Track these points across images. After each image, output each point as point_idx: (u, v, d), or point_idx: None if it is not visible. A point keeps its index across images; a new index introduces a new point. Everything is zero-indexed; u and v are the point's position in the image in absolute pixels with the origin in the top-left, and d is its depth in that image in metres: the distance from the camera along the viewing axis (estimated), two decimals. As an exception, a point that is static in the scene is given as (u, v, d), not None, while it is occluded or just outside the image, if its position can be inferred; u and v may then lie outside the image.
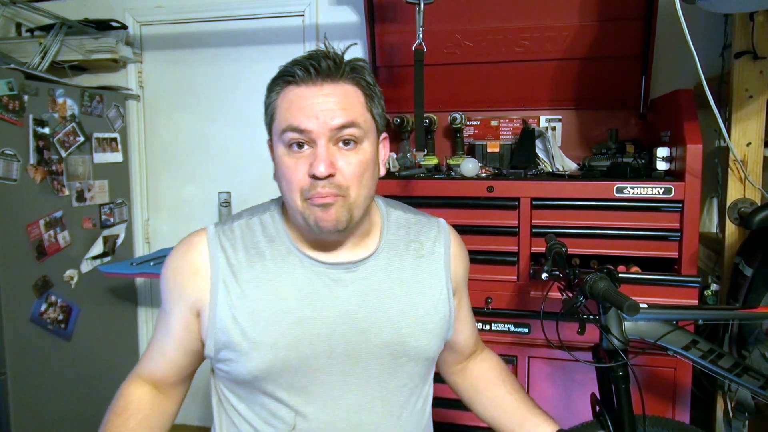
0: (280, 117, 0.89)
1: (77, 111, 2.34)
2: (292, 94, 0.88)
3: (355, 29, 2.41)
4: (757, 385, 1.32)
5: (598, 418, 1.32)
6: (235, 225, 0.97)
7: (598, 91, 2.05)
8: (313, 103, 0.87)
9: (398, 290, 0.97)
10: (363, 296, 0.94)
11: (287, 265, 0.93)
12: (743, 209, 1.69)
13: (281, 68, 0.92)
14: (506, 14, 2.00)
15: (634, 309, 1.05)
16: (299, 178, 0.87)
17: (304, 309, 0.91)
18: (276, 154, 0.92)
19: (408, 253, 1.01)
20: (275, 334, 0.90)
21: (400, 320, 0.96)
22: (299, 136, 0.87)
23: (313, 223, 0.88)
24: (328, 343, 0.91)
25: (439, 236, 1.06)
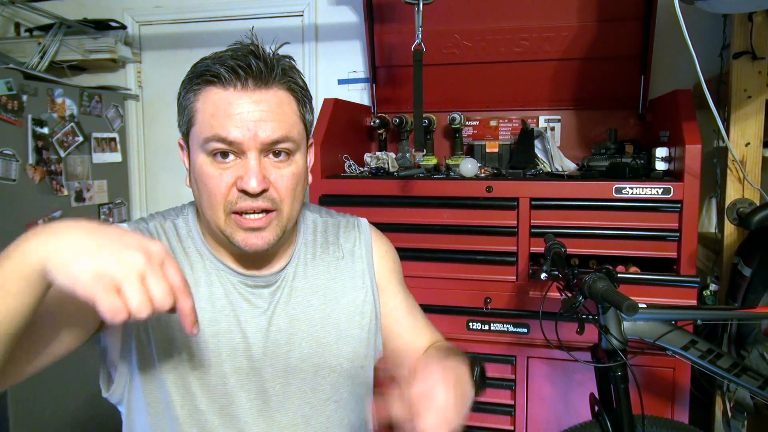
0: (203, 123, 0.79)
1: (76, 111, 2.34)
2: (216, 97, 0.78)
3: (354, 29, 2.41)
4: (756, 385, 1.32)
5: (597, 418, 1.32)
6: (150, 225, 0.88)
7: (597, 91, 2.05)
8: (243, 112, 0.77)
9: (317, 297, 0.91)
10: (282, 306, 0.88)
11: (203, 274, 0.85)
12: (742, 209, 1.69)
13: (201, 65, 0.82)
14: (505, 14, 2.00)
15: (633, 309, 1.05)
16: (223, 192, 0.78)
17: (221, 321, 0.84)
18: (194, 161, 0.81)
19: (326, 258, 0.95)
20: (192, 348, 0.81)
21: (320, 329, 0.90)
22: (226, 147, 0.78)
23: (237, 242, 0.80)
24: (247, 359, 0.84)
25: (359, 237, 0.99)
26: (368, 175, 1.92)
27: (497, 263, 1.70)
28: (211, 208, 0.80)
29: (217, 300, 0.85)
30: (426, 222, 1.74)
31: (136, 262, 0.58)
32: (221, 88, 0.78)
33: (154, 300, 0.58)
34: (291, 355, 0.87)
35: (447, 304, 1.74)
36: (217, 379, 0.83)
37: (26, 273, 0.59)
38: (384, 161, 2.00)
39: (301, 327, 0.89)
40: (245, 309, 0.86)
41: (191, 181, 0.85)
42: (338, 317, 0.92)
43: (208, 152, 0.79)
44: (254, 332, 0.85)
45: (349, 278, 0.95)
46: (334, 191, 1.80)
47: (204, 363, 0.82)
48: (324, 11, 2.46)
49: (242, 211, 0.79)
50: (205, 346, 0.82)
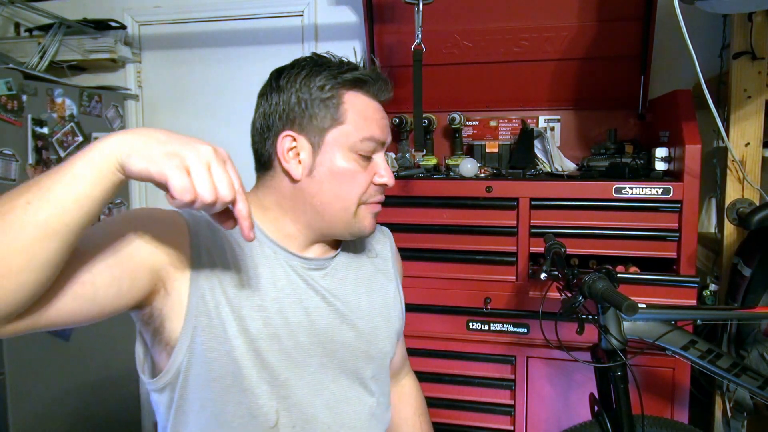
0: (357, 123, 0.88)
1: (76, 111, 2.34)
2: (365, 103, 0.90)
3: (353, 29, 2.41)
4: (756, 385, 1.32)
5: (596, 418, 1.32)
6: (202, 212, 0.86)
7: (597, 91, 2.05)
8: (383, 117, 0.92)
9: (362, 288, 1.00)
10: (335, 291, 0.95)
11: (262, 257, 0.89)
12: (742, 209, 1.69)
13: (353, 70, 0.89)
14: (505, 14, 2.00)
15: (633, 309, 1.06)
16: (363, 185, 0.90)
17: (284, 299, 0.88)
18: (333, 158, 0.88)
19: (363, 254, 1.04)
20: (258, 323, 0.85)
21: (369, 313, 0.99)
22: (375, 147, 0.90)
23: (359, 228, 0.92)
24: (308, 335, 0.90)
25: (385, 239, 1.11)
26: (368, 175, 1.91)
27: (497, 263, 1.70)
28: (344, 202, 0.89)
29: (278, 280, 0.89)
30: (426, 222, 1.74)
31: (205, 151, 0.63)
32: (365, 93, 0.90)
33: (218, 189, 0.62)
34: (346, 333, 0.94)
35: (447, 304, 1.74)
36: (280, 354, 0.87)
37: (99, 162, 0.61)
38: (384, 161, 1.99)
39: (352, 308, 0.96)
40: (304, 289, 0.92)
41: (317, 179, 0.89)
42: (381, 306, 1.01)
43: (359, 151, 0.88)
44: (314, 311, 0.91)
45: (383, 274, 1.05)
46: (334, 191, 1.80)
47: (270, 337, 0.86)
48: (324, 11, 2.46)
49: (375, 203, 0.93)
50: (270, 321, 0.87)
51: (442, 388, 1.77)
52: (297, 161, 0.89)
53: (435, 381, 1.77)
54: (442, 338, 1.76)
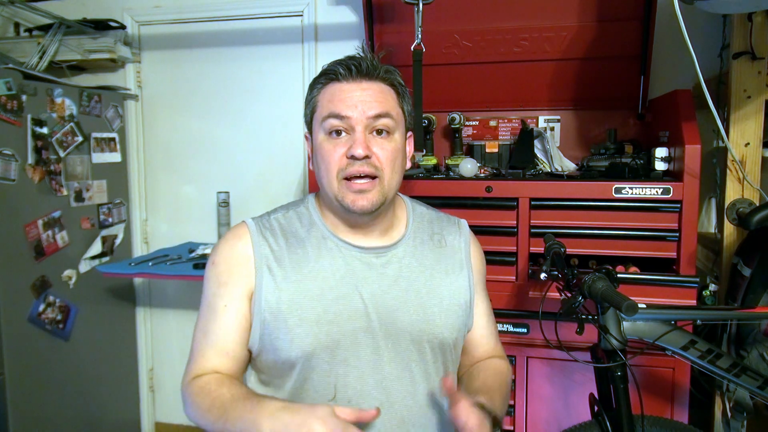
0: (322, 107, 1.01)
1: (76, 111, 2.34)
2: (334, 88, 1.01)
3: (353, 29, 2.40)
4: (756, 385, 1.32)
5: (596, 418, 1.32)
6: (272, 218, 1.08)
7: (597, 91, 2.05)
8: (353, 95, 0.99)
9: (424, 275, 1.07)
10: (393, 278, 1.04)
11: (325, 249, 1.04)
12: (741, 209, 1.69)
13: (323, 68, 1.04)
14: (505, 14, 2.00)
15: (633, 309, 1.06)
16: (336, 159, 0.99)
17: (342, 287, 1.00)
18: (315, 141, 1.03)
19: (431, 244, 1.11)
20: (318, 309, 0.98)
21: (427, 302, 1.05)
22: (339, 122, 0.99)
23: (347, 204, 0.99)
24: (365, 319, 1.00)
25: (460, 232, 1.17)
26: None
27: (497, 263, 1.70)
28: (327, 176, 1.00)
29: (338, 270, 1.02)
30: (425, 222, 1.73)
31: None
32: (338, 81, 1.02)
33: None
34: (402, 319, 1.02)
35: (446, 304, 1.73)
36: (340, 336, 0.98)
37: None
38: (383, 161, 1.99)
39: (410, 298, 1.04)
40: (363, 278, 1.02)
41: (314, 162, 1.06)
42: (441, 294, 1.07)
43: (326, 130, 1.00)
44: (371, 297, 1.01)
45: (450, 264, 1.11)
46: (334, 191, 1.80)
47: (330, 323, 0.98)
48: (324, 11, 2.46)
49: (351, 176, 0.98)
50: (329, 308, 0.99)
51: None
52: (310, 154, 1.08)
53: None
54: (442, 338, 1.76)
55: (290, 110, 2.51)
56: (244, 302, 1.01)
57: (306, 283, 1.00)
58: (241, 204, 2.60)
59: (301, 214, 1.09)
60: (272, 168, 2.57)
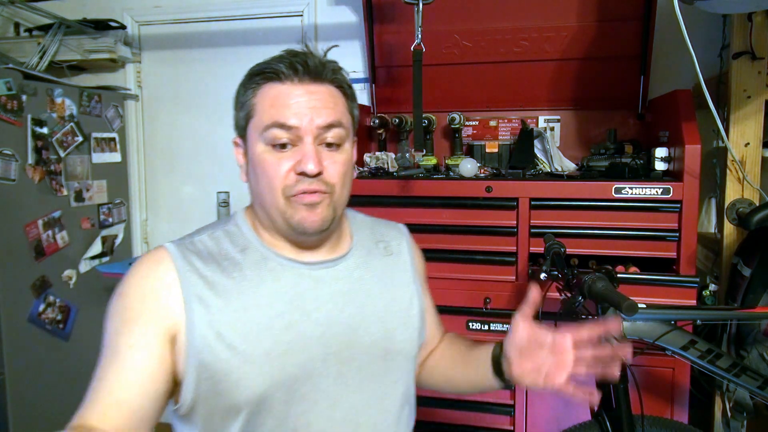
0: (262, 113, 0.86)
1: (76, 111, 2.34)
2: (275, 91, 0.86)
3: (353, 29, 2.41)
4: (756, 385, 1.32)
5: (596, 418, 1.32)
6: (196, 240, 0.90)
7: (597, 91, 2.05)
8: (300, 101, 0.85)
9: (378, 287, 0.97)
10: (347, 294, 0.92)
11: (266, 271, 0.88)
12: (741, 209, 1.69)
13: (260, 65, 0.89)
14: (505, 14, 2.00)
15: (633, 309, 1.05)
16: (282, 176, 0.85)
17: (292, 312, 0.86)
18: (253, 152, 0.88)
19: (378, 252, 1.02)
20: (267, 342, 0.84)
21: (385, 315, 0.95)
22: (285, 133, 0.84)
23: (296, 222, 0.86)
24: (322, 345, 0.87)
25: (401, 236, 1.08)
26: (368, 175, 1.92)
27: (497, 263, 1.70)
28: (271, 193, 0.86)
29: (285, 293, 0.88)
30: (426, 222, 1.74)
31: None
32: (279, 82, 0.86)
33: None
34: (362, 340, 0.91)
35: (447, 304, 1.73)
36: (296, 369, 0.85)
37: None
38: (383, 161, 1.99)
39: (368, 313, 0.93)
40: (314, 298, 0.89)
41: (249, 174, 0.91)
42: (398, 306, 0.98)
43: (268, 141, 0.85)
44: (326, 319, 0.89)
45: (399, 272, 1.03)
46: (334, 191, 1.80)
47: (282, 355, 0.84)
48: (323, 11, 2.46)
49: (299, 193, 0.85)
50: (279, 338, 0.85)
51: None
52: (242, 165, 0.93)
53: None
54: (442, 338, 1.76)
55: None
56: (160, 344, 0.80)
57: (249, 313, 0.84)
58: (241, 204, 2.59)
59: (232, 234, 0.92)
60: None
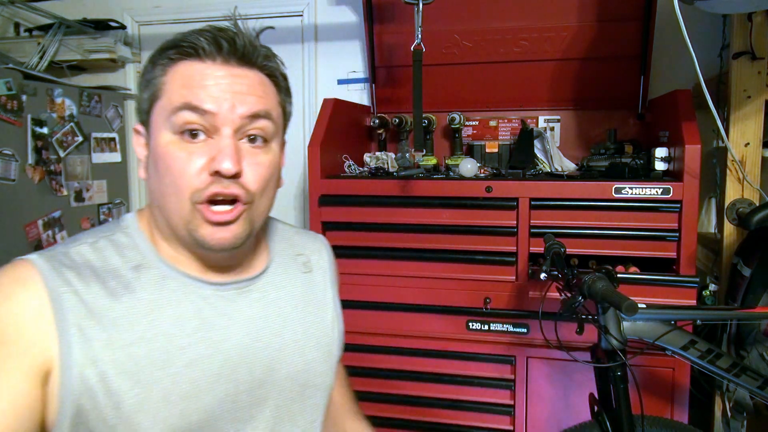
0: (171, 94, 0.69)
1: (76, 111, 2.34)
2: (191, 69, 0.70)
3: (353, 29, 2.41)
4: (756, 385, 1.32)
5: (596, 418, 1.32)
6: (72, 252, 0.70)
7: (597, 91, 2.05)
8: (220, 83, 0.69)
9: (296, 310, 0.83)
10: (262, 320, 0.78)
11: (166, 293, 0.71)
12: (741, 209, 1.69)
13: (176, 37, 0.72)
14: (505, 14, 2.00)
15: (633, 309, 1.05)
16: (191, 175, 0.68)
17: (196, 346, 0.71)
18: (156, 142, 0.70)
19: (297, 268, 0.88)
20: (166, 382, 0.68)
21: (305, 344, 0.82)
22: (197, 119, 0.68)
23: (201, 236, 0.69)
24: (232, 384, 0.73)
25: (322, 249, 0.95)
26: (368, 175, 1.92)
27: (497, 263, 1.70)
28: (175, 196, 0.69)
29: (188, 321, 0.71)
30: (426, 222, 1.74)
31: None
32: (198, 60, 0.70)
33: None
34: (278, 374, 0.78)
35: (447, 304, 1.74)
36: (200, 415, 0.70)
37: None
38: (383, 161, 2.00)
39: (287, 342, 0.80)
40: (224, 326, 0.74)
41: (148, 170, 0.73)
42: (317, 331, 0.85)
43: (176, 128, 0.68)
44: (237, 351, 0.74)
45: (320, 291, 0.90)
46: (334, 191, 1.80)
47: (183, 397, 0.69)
48: (323, 11, 2.46)
49: (212, 199, 0.68)
50: (180, 377, 0.69)
51: (442, 388, 1.77)
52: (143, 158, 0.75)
53: (435, 381, 1.76)
54: (442, 338, 1.76)
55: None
56: (29, 388, 0.62)
57: (142, 348, 0.67)
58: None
59: (120, 245, 0.73)
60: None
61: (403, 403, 1.79)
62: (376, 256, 1.77)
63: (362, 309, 1.79)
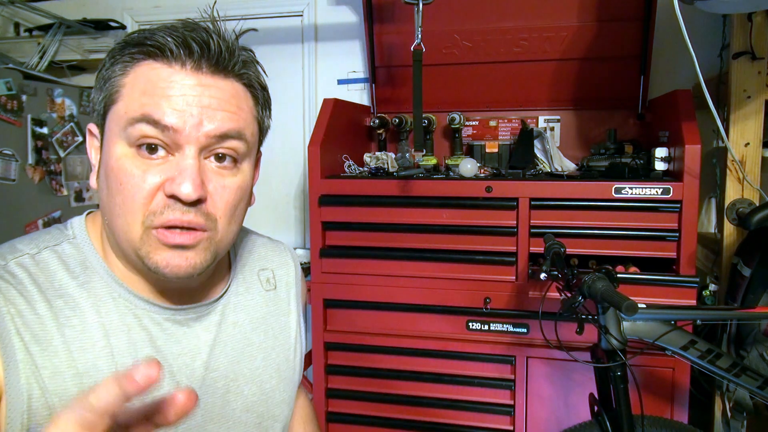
0: (129, 101, 0.61)
1: (76, 111, 2.34)
2: (153, 73, 0.61)
3: (353, 29, 2.41)
4: (756, 385, 1.32)
5: (596, 418, 1.32)
6: (11, 263, 0.63)
7: (597, 91, 2.05)
8: (187, 94, 0.60)
9: (256, 333, 0.77)
10: (219, 346, 0.72)
11: (117, 317, 0.65)
12: (741, 209, 1.69)
13: (141, 33, 0.63)
14: (505, 14, 2.00)
15: (633, 309, 1.05)
16: (144, 196, 0.60)
17: None
18: (109, 153, 0.62)
19: (260, 286, 0.81)
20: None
21: (263, 373, 0.76)
22: (157, 134, 0.59)
23: (154, 264, 0.61)
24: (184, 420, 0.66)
25: (288, 262, 0.87)
26: (368, 175, 1.92)
27: (497, 263, 1.70)
28: (124, 217, 0.61)
29: (141, 350, 0.65)
30: (426, 222, 1.74)
31: None
32: (164, 63, 0.61)
33: None
34: (233, 405, 0.73)
35: (447, 304, 1.74)
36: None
37: None
38: (383, 161, 2.00)
39: (243, 371, 0.74)
40: (178, 354, 0.68)
41: (99, 180, 0.65)
42: (278, 357, 0.79)
43: (132, 141, 0.60)
44: (189, 383, 0.68)
45: (283, 311, 0.83)
46: (334, 191, 1.80)
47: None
48: (323, 11, 2.46)
49: (167, 225, 0.60)
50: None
51: (442, 388, 1.77)
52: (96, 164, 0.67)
53: (435, 381, 1.76)
54: (442, 338, 1.76)
55: (289, 110, 2.51)
56: None
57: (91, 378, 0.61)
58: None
59: (68, 257, 0.66)
60: (272, 167, 2.57)
61: (403, 403, 1.79)
62: (376, 256, 1.77)
63: (362, 309, 1.79)
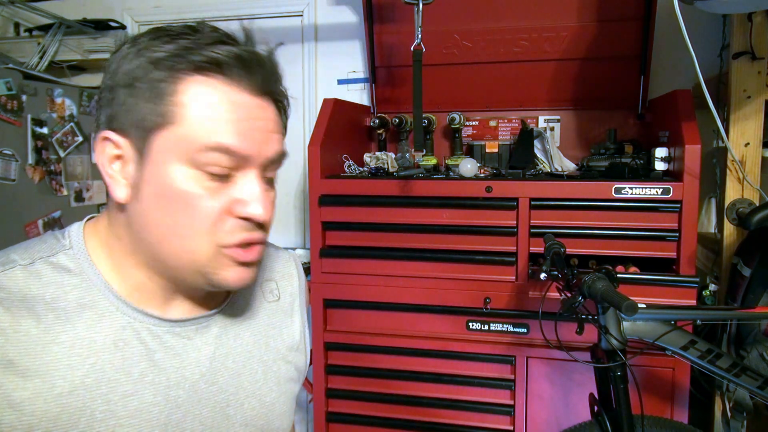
0: (195, 126, 0.59)
1: (76, 111, 2.34)
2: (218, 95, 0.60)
3: (353, 29, 2.41)
4: (756, 385, 1.32)
5: (596, 418, 1.33)
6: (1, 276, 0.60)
7: (597, 91, 2.05)
8: (252, 119, 0.61)
9: (257, 346, 0.76)
10: (220, 360, 0.70)
11: (112, 332, 0.62)
12: (741, 209, 1.69)
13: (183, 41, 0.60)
14: (505, 14, 2.00)
15: (633, 309, 1.06)
16: (214, 218, 0.61)
17: (142, 393, 0.63)
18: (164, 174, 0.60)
19: (262, 297, 0.80)
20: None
21: (264, 385, 0.75)
22: (229, 162, 0.60)
23: (221, 279, 0.63)
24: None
25: (293, 273, 0.86)
26: (368, 175, 1.92)
27: (497, 263, 1.70)
28: (190, 238, 0.61)
29: (136, 365, 0.63)
30: (426, 222, 1.74)
31: None
32: (224, 81, 0.60)
33: None
34: (233, 420, 0.71)
35: (447, 304, 1.74)
36: None
37: None
38: (383, 161, 2.00)
39: (244, 384, 0.73)
40: (174, 369, 0.66)
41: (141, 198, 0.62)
42: (279, 369, 0.78)
43: (199, 165, 0.60)
44: (188, 399, 0.66)
45: (287, 322, 0.82)
46: (334, 191, 1.80)
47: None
48: (323, 11, 2.46)
49: (239, 244, 0.63)
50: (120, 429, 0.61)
51: (442, 388, 1.77)
52: (122, 176, 0.63)
53: (435, 381, 1.77)
54: (442, 338, 1.76)
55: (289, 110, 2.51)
56: None
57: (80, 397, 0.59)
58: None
59: (65, 271, 0.63)
60: (272, 168, 2.58)
61: (403, 403, 1.79)
62: (376, 256, 1.77)
63: (362, 309, 1.79)
